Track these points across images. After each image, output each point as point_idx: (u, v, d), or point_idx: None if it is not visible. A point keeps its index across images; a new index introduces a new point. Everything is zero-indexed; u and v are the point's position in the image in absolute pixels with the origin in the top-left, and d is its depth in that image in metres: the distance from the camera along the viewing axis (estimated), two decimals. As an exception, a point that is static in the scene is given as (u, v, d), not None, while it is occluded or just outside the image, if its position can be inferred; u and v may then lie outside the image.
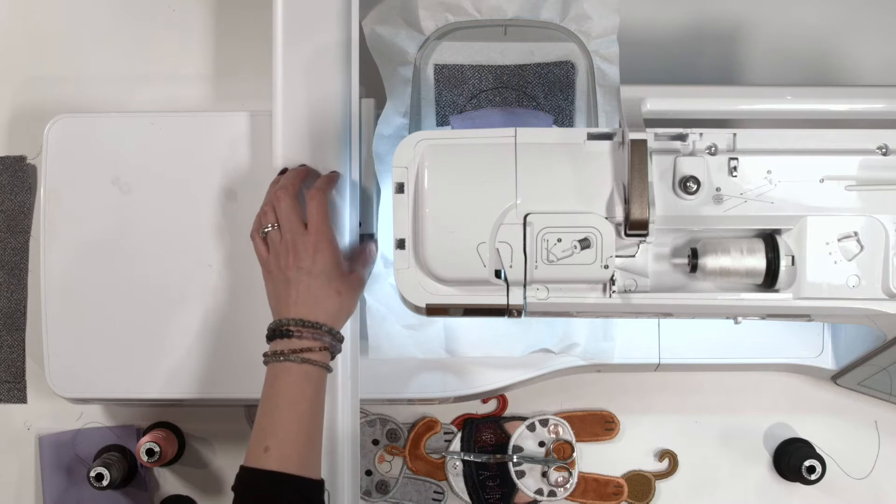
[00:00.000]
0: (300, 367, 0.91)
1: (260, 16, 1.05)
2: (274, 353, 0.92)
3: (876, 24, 1.24)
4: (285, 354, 0.91)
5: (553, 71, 1.13)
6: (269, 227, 0.96)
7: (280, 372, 0.91)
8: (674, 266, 0.95)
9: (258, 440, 0.90)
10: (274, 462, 0.88)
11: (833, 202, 0.91)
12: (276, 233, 0.95)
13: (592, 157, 0.92)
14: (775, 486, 1.20)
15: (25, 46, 1.24)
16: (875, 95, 0.94)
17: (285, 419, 0.90)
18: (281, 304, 0.94)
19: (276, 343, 0.93)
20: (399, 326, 1.08)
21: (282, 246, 0.95)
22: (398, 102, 1.10)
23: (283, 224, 0.95)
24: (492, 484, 1.18)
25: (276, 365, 0.92)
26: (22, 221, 1.21)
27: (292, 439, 0.90)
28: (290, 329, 0.92)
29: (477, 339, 1.11)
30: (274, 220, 0.96)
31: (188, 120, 1.11)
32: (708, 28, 1.23)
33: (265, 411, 0.91)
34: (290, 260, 0.94)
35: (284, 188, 0.96)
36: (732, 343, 1.14)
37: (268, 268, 0.96)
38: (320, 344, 0.92)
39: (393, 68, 1.11)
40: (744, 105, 0.94)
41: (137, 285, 1.09)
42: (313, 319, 0.92)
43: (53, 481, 1.19)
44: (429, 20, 1.10)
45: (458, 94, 1.13)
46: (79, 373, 1.09)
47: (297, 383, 0.91)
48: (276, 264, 0.95)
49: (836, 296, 0.91)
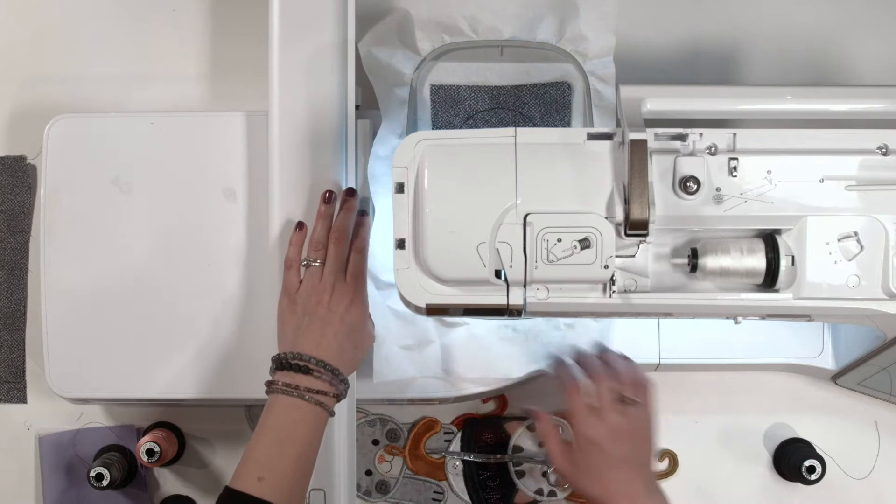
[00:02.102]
0: (312, 407, 0.91)
1: (259, 16, 1.05)
2: (287, 386, 0.91)
3: (876, 24, 1.24)
4: (300, 391, 0.91)
5: (549, 91, 1.13)
6: (316, 262, 0.97)
7: (290, 407, 0.91)
8: (674, 266, 0.95)
9: (252, 469, 0.89)
10: (267, 493, 0.87)
11: (833, 202, 0.91)
12: (318, 269, 0.96)
13: (592, 157, 0.92)
14: (775, 486, 1.20)
15: (25, 46, 1.24)
16: (875, 95, 0.94)
17: (287, 455, 0.90)
18: (303, 339, 0.94)
19: (289, 375, 0.92)
20: (396, 348, 1.08)
21: (321, 283, 0.95)
22: (394, 123, 1.10)
23: (329, 264, 0.96)
24: (492, 484, 1.18)
25: (286, 399, 0.91)
26: (22, 221, 1.21)
27: (289, 476, 0.89)
28: (311, 367, 0.92)
29: (474, 361, 1.10)
30: (323, 256, 0.97)
31: (188, 120, 1.11)
32: (708, 28, 1.23)
33: (267, 442, 0.90)
34: (325, 299, 0.95)
35: (343, 232, 0.98)
36: (732, 343, 1.14)
37: (293, 299, 0.96)
38: (335, 390, 0.93)
39: (389, 89, 1.11)
40: (744, 105, 0.94)
41: (137, 285, 1.09)
42: (334, 365, 0.93)
43: (53, 481, 1.19)
44: (425, 41, 1.10)
45: (454, 115, 1.13)
46: (79, 373, 1.09)
47: (306, 422, 0.91)
48: (307, 299, 0.95)
49: (836, 296, 0.91)
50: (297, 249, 0.99)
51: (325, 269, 0.96)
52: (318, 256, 0.97)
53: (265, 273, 1.05)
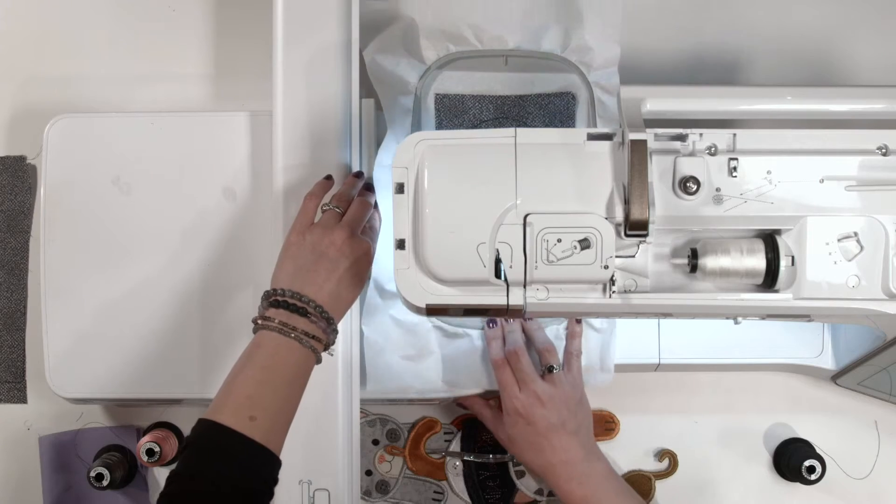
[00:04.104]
0: (305, 350, 0.89)
1: (260, 15, 1.05)
2: (282, 325, 0.88)
3: (876, 24, 1.24)
4: (296, 331, 0.88)
5: (554, 102, 1.12)
6: (337, 207, 0.95)
7: (284, 347, 0.88)
8: (674, 266, 0.95)
9: (243, 406, 0.84)
10: (259, 434, 0.83)
11: (833, 202, 0.91)
12: (336, 215, 0.95)
13: (592, 158, 0.92)
14: (775, 486, 1.20)
15: (25, 46, 1.24)
16: (875, 95, 0.94)
17: (279, 396, 0.86)
18: (306, 277, 0.91)
19: (285, 314, 0.89)
20: (397, 357, 1.08)
21: (337, 227, 0.93)
22: (399, 131, 1.10)
23: (350, 214, 0.95)
24: (492, 484, 1.18)
25: (279, 337, 0.88)
26: (22, 221, 1.22)
27: (280, 420, 0.87)
28: (309, 311, 0.90)
29: (474, 374, 1.10)
30: (345, 206, 0.96)
31: (188, 120, 1.11)
32: (708, 29, 1.23)
33: (257, 380, 0.86)
34: (338, 241, 0.92)
35: (367, 201, 0.98)
36: (732, 343, 1.14)
37: (303, 234, 0.94)
38: (327, 338, 0.91)
39: (393, 97, 1.11)
40: (744, 105, 0.94)
41: (137, 285, 1.09)
42: (331, 313, 0.91)
43: (53, 481, 1.19)
44: (430, 50, 1.10)
45: (458, 124, 1.12)
46: (79, 373, 1.09)
47: (298, 364, 0.89)
48: (320, 237, 0.93)
49: (836, 296, 0.91)
50: (322, 190, 0.97)
51: (345, 217, 0.95)
52: (339, 202, 0.96)
53: (265, 273, 1.05)
